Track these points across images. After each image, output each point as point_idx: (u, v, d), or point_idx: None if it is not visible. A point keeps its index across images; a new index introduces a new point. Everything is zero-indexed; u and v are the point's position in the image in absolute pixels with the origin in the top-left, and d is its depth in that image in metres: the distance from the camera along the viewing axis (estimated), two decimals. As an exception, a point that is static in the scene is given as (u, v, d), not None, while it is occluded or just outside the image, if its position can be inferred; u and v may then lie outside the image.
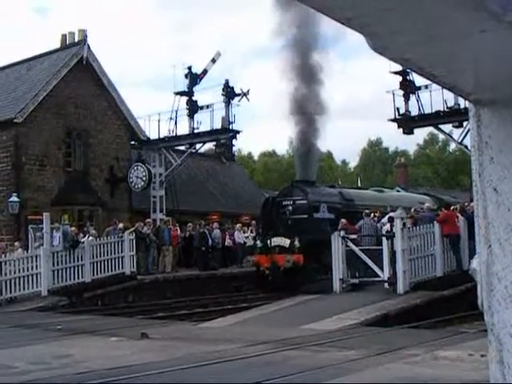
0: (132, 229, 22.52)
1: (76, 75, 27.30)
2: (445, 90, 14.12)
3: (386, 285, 15.99)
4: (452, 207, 18.88)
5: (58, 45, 28.98)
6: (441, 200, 26.53)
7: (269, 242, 21.57)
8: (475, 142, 1.40)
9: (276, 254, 21.20)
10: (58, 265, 19.61)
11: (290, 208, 21.56)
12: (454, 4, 0.99)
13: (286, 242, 21.17)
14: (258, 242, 22.48)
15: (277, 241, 21.40)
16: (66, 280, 19.67)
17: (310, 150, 23.61)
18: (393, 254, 15.72)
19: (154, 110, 31.70)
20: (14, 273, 18.73)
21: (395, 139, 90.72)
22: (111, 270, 20.74)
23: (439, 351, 8.84)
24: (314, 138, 23.59)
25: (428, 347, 9.19)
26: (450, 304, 14.67)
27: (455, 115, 22.58)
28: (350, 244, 16.68)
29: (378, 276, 16.11)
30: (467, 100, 1.42)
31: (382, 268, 15.99)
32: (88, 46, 27.64)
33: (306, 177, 23.22)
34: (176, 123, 29.03)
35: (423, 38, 1.10)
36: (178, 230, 25.64)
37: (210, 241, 24.90)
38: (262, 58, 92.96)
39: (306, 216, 21.44)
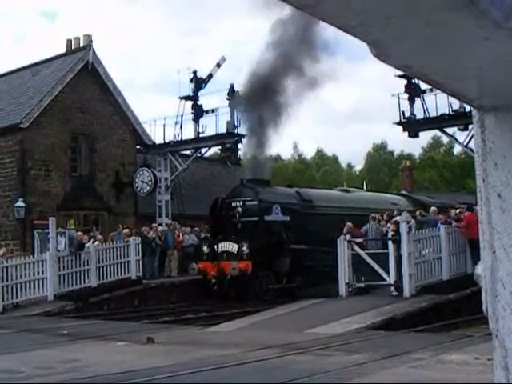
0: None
1: (81, 80, 27.41)
2: (450, 94, 14.09)
3: (392, 288, 15.95)
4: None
5: (63, 50, 29.12)
6: (416, 201, 25.83)
7: (216, 247, 19.94)
8: (479, 147, 1.40)
9: (223, 260, 19.57)
10: (64, 269, 19.68)
11: (240, 210, 19.90)
12: (456, 12, 0.99)
13: (234, 247, 19.53)
14: (205, 248, 20.57)
15: (224, 246, 19.81)
16: (73, 285, 19.71)
17: (262, 150, 22.47)
18: (399, 257, 15.70)
19: (159, 115, 31.88)
20: (21, 277, 18.79)
21: (400, 142, 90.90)
22: (117, 275, 20.75)
23: (445, 355, 8.81)
24: (266, 139, 22.60)
25: (434, 351, 9.17)
26: (457, 307, 14.63)
27: (460, 118, 22.56)
28: (356, 248, 16.65)
29: (384, 280, 16.07)
30: (471, 106, 1.42)
31: (388, 272, 15.96)
32: (93, 50, 27.76)
33: (257, 176, 21.51)
34: (181, 127, 29.20)
35: (426, 45, 1.10)
36: (181, 235, 25.42)
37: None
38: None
39: (256, 218, 19.83)
